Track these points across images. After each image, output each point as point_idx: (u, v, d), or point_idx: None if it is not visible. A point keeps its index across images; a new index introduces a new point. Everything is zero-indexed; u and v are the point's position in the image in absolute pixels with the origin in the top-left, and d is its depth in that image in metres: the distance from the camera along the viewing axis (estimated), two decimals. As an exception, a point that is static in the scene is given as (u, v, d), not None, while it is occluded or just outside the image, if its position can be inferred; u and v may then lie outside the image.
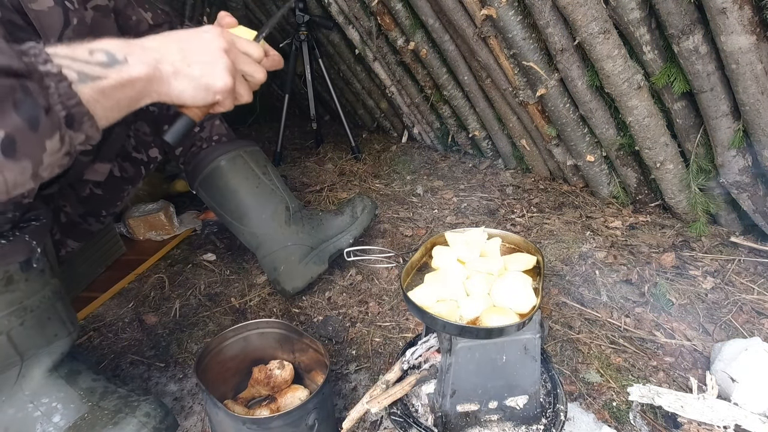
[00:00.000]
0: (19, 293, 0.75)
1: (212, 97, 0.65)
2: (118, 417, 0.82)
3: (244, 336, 1.05)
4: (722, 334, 1.21)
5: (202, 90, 0.63)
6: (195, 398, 1.11)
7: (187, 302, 1.46)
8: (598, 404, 1.04)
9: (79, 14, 0.82)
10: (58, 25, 0.78)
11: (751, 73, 1.24)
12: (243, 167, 1.42)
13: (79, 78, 0.51)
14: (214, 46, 0.64)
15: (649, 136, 1.59)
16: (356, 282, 1.52)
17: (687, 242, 1.60)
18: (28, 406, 0.80)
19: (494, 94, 2.08)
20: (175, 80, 0.61)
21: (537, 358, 0.81)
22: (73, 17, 0.81)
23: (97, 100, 0.53)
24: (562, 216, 1.86)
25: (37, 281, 0.78)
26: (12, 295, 0.74)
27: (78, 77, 0.51)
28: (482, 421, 0.85)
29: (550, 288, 1.42)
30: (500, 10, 1.62)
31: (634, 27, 1.40)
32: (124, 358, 1.24)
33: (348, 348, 1.26)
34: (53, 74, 0.49)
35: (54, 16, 0.77)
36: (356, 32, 2.46)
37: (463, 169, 2.42)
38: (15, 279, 0.73)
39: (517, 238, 0.97)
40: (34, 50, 0.49)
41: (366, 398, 0.83)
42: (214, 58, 0.63)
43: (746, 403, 0.92)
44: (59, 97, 0.49)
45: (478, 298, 0.80)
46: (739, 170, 1.46)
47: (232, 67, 0.65)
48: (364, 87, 2.88)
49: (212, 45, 0.64)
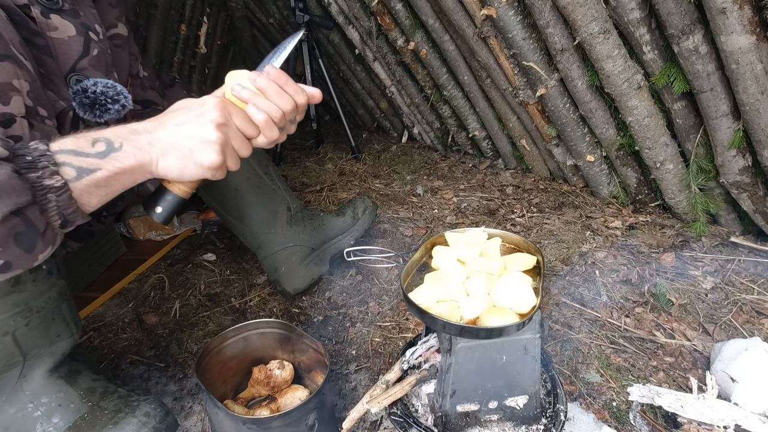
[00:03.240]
0: (26, 294, 0.75)
1: (201, 174, 0.65)
2: (118, 417, 0.82)
3: (244, 336, 1.05)
4: (722, 334, 1.21)
5: (190, 166, 0.63)
6: (195, 398, 1.11)
7: (187, 302, 1.46)
8: (598, 404, 1.04)
9: (102, 45, 0.82)
10: (75, 54, 0.78)
11: (751, 73, 1.24)
12: (244, 167, 1.41)
13: (77, 174, 0.58)
14: (209, 121, 0.63)
15: (649, 136, 1.59)
16: (356, 282, 1.52)
17: (687, 242, 1.60)
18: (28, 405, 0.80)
19: (494, 94, 2.08)
20: (163, 161, 0.63)
21: (537, 358, 0.81)
22: (94, 48, 0.80)
23: (91, 192, 0.59)
24: (562, 216, 1.86)
25: (44, 282, 0.78)
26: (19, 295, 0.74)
27: (76, 174, 0.58)
28: (482, 421, 0.85)
29: (550, 288, 1.42)
30: (500, 10, 1.62)
31: (634, 27, 1.41)
32: (124, 358, 1.24)
33: (348, 348, 1.26)
34: (56, 188, 0.56)
35: (72, 46, 0.77)
36: (356, 32, 2.46)
37: (463, 169, 2.42)
38: (22, 280, 0.73)
39: (517, 238, 0.97)
40: (44, 161, 0.56)
41: (366, 398, 0.83)
42: (207, 136, 0.63)
43: (746, 403, 0.92)
44: (58, 209, 0.57)
45: (478, 298, 0.80)
46: (739, 170, 1.46)
47: (224, 143, 0.64)
48: (364, 87, 2.88)
49: (208, 119, 0.63)
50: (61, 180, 0.57)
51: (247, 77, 0.71)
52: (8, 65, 0.62)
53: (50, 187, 0.56)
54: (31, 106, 0.66)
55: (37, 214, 0.56)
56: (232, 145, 0.67)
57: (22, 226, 0.54)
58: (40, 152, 0.57)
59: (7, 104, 0.62)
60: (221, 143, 0.64)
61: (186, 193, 0.71)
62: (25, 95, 0.65)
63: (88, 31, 0.79)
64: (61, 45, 0.76)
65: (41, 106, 0.69)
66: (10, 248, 0.54)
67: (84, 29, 0.79)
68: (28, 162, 0.55)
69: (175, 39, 2.83)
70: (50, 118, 0.71)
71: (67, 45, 0.76)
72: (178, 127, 0.63)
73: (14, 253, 0.55)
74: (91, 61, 0.80)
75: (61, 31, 0.75)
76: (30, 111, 0.65)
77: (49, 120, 0.70)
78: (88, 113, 0.79)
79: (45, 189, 0.56)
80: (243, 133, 0.68)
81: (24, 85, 0.64)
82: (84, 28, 0.79)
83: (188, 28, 2.87)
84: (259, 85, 0.69)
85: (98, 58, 0.81)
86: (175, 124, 0.63)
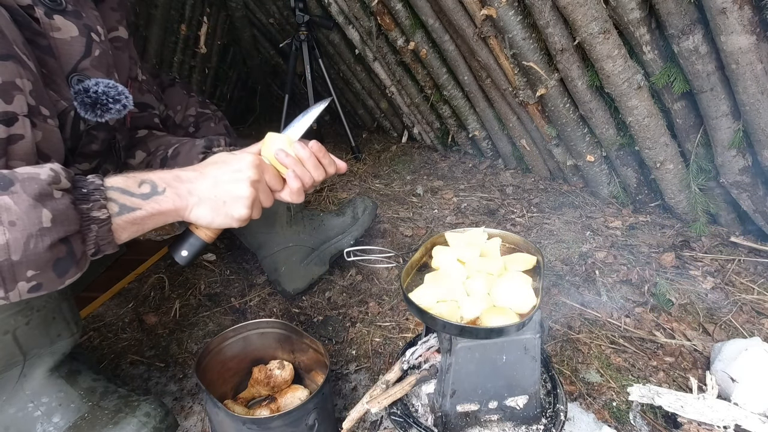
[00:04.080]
0: None
1: (228, 224, 0.73)
2: (118, 417, 0.82)
3: (244, 336, 1.05)
4: (722, 334, 1.21)
5: (221, 217, 0.72)
6: (195, 398, 1.11)
7: (187, 302, 1.46)
8: (598, 404, 1.04)
9: (103, 46, 0.83)
10: (77, 54, 0.78)
11: (751, 73, 1.24)
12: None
13: (119, 210, 0.64)
14: (245, 178, 0.71)
15: (649, 136, 1.59)
16: (356, 282, 1.52)
17: (687, 242, 1.60)
18: (28, 405, 0.80)
19: (494, 94, 2.08)
20: (198, 209, 0.71)
21: (537, 358, 0.81)
22: (96, 49, 0.81)
23: (125, 228, 0.66)
24: (562, 216, 1.86)
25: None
26: None
27: (119, 210, 0.64)
28: (482, 421, 0.85)
29: (550, 288, 1.42)
30: (500, 10, 1.62)
31: (634, 27, 1.41)
32: (124, 358, 1.24)
33: (348, 348, 1.26)
34: (100, 220, 0.62)
35: (75, 46, 0.77)
36: (356, 32, 2.46)
37: (463, 169, 2.42)
38: None
39: (517, 238, 0.97)
40: (97, 194, 0.62)
41: (366, 398, 0.83)
42: (241, 192, 0.71)
43: (746, 403, 0.92)
44: (96, 239, 0.63)
45: (478, 298, 0.80)
46: (739, 170, 1.46)
47: (254, 199, 0.73)
48: (364, 87, 2.88)
49: (244, 177, 0.72)
50: (106, 213, 0.63)
51: (289, 144, 0.80)
52: (11, 64, 0.63)
53: (96, 218, 0.62)
54: (34, 105, 0.66)
55: (78, 243, 0.61)
56: (260, 198, 0.75)
57: (64, 253, 0.59)
58: (94, 186, 0.63)
59: (10, 103, 0.62)
60: (252, 199, 0.72)
61: (210, 239, 0.78)
62: (27, 94, 0.65)
63: (90, 32, 0.80)
64: (64, 45, 0.76)
65: (43, 105, 0.69)
66: (47, 272, 0.59)
67: (86, 30, 0.79)
68: (83, 194, 0.61)
69: (175, 39, 2.83)
70: (52, 117, 0.71)
71: (70, 45, 0.77)
72: (216, 181, 0.71)
73: (48, 277, 0.59)
74: (93, 62, 0.80)
75: (63, 32, 0.76)
76: (32, 110, 0.66)
77: (51, 119, 0.71)
78: (89, 113, 0.79)
79: (91, 220, 0.61)
80: (270, 188, 0.78)
81: (27, 84, 0.65)
82: (86, 29, 0.79)
83: (188, 28, 2.87)
84: (301, 155, 0.79)
85: (100, 58, 0.81)
86: (214, 178, 0.71)
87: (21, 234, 0.55)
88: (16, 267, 0.56)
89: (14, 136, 0.63)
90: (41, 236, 0.56)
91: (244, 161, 0.73)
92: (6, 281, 0.56)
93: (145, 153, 1.05)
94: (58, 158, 0.73)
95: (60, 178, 0.60)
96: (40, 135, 0.68)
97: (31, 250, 0.56)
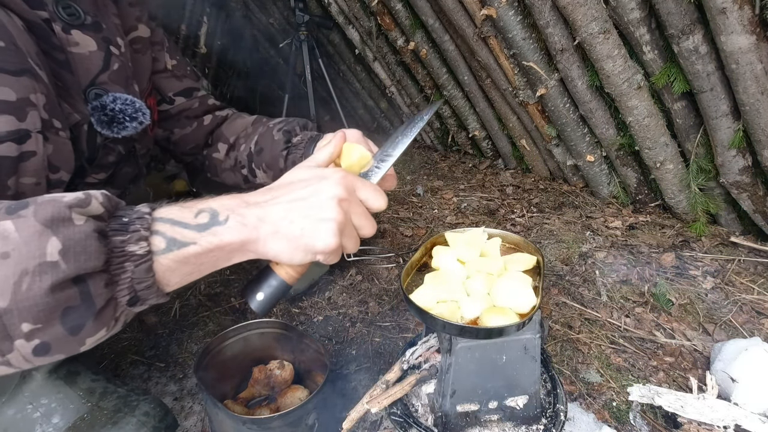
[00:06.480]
0: None
1: (311, 258, 0.56)
2: (117, 417, 0.82)
3: (244, 336, 1.05)
4: (722, 334, 1.21)
5: (300, 251, 0.54)
6: (195, 398, 1.11)
7: (187, 302, 1.46)
8: (598, 404, 1.04)
9: (122, 59, 0.82)
10: (95, 69, 0.77)
11: (751, 73, 1.24)
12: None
13: (167, 247, 0.49)
14: (329, 197, 0.54)
15: (649, 136, 1.59)
16: (356, 282, 1.52)
17: (687, 242, 1.60)
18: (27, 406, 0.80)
19: (494, 94, 2.08)
20: (272, 240, 0.54)
21: (537, 358, 0.81)
22: (115, 63, 0.80)
23: (175, 270, 0.51)
24: (562, 216, 1.86)
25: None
26: None
27: (166, 246, 0.49)
28: (482, 421, 0.85)
29: (550, 288, 1.42)
30: (500, 10, 1.62)
31: (634, 27, 1.40)
32: (124, 358, 1.24)
33: (348, 348, 1.25)
34: (137, 256, 0.48)
35: (93, 61, 0.76)
36: (356, 32, 2.46)
37: (463, 169, 2.42)
38: None
39: (517, 238, 0.96)
40: (138, 224, 0.48)
41: (366, 398, 0.83)
42: (324, 215, 0.54)
43: (746, 403, 0.92)
44: (131, 281, 0.48)
45: (478, 298, 0.80)
46: (739, 170, 1.46)
47: (343, 222, 0.55)
48: (364, 87, 2.88)
49: (327, 196, 0.54)
50: (146, 247, 0.48)
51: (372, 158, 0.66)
52: (26, 80, 0.61)
53: (131, 254, 0.47)
54: (47, 119, 0.65)
55: (99, 286, 0.46)
56: (353, 222, 0.57)
57: (77, 300, 0.44)
58: (138, 215, 0.49)
59: (23, 120, 0.60)
60: (340, 222, 0.54)
61: (292, 279, 0.60)
62: (41, 108, 0.63)
63: (109, 45, 0.79)
64: (82, 60, 0.75)
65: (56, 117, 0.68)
66: (52, 326, 0.44)
67: (105, 44, 0.78)
68: (122, 224, 0.48)
69: (175, 39, 2.83)
70: (64, 129, 0.70)
71: (88, 60, 0.76)
72: (292, 202, 0.54)
73: (56, 333, 0.44)
74: (111, 76, 0.79)
75: (81, 47, 0.75)
76: (45, 124, 0.64)
77: (62, 131, 0.69)
78: (106, 129, 0.79)
79: (125, 256, 0.47)
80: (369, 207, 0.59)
81: (40, 98, 0.63)
82: (105, 42, 0.78)
83: (188, 28, 2.87)
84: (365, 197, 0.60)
85: (118, 72, 0.81)
86: (289, 199, 0.55)
87: (12, 270, 0.41)
88: (5, 317, 0.41)
89: (26, 154, 0.61)
90: (40, 273, 0.42)
91: (326, 177, 0.56)
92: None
93: (226, 145, 1.01)
94: (68, 170, 0.72)
95: (90, 201, 0.47)
96: (51, 148, 0.67)
97: (22, 293, 0.41)
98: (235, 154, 1.00)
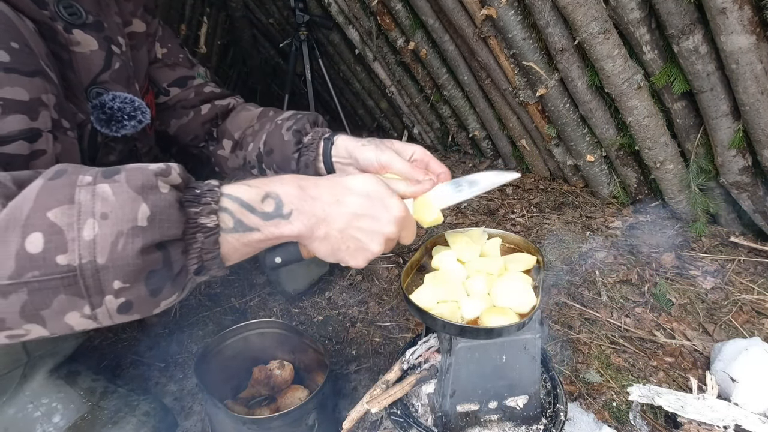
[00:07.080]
0: None
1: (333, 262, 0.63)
2: (117, 416, 0.82)
3: (244, 336, 1.05)
4: (722, 334, 1.21)
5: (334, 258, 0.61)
6: (195, 398, 1.11)
7: (187, 302, 1.46)
8: (598, 404, 1.04)
9: (123, 58, 0.82)
10: (96, 68, 0.77)
11: (751, 73, 1.24)
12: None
13: (234, 227, 0.53)
14: (381, 233, 0.60)
15: (649, 136, 1.59)
16: (356, 282, 1.52)
17: (687, 242, 1.60)
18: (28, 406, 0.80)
19: (494, 94, 2.08)
20: (320, 243, 0.60)
21: (537, 358, 0.81)
22: (116, 62, 0.80)
23: (237, 249, 0.55)
24: (562, 216, 1.86)
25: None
26: None
27: (233, 226, 0.53)
28: (482, 421, 0.85)
29: (550, 288, 1.42)
30: (500, 10, 1.62)
31: (634, 27, 1.40)
32: (124, 358, 1.24)
33: (348, 348, 1.26)
34: (208, 228, 0.52)
35: (94, 60, 0.77)
36: (356, 32, 2.46)
37: (463, 169, 2.42)
38: None
39: (517, 238, 0.96)
40: (209, 196, 0.52)
41: (366, 398, 0.83)
42: (369, 246, 0.61)
43: (746, 403, 0.92)
44: (200, 251, 0.52)
45: (478, 298, 0.80)
46: (739, 170, 1.46)
47: (395, 237, 0.62)
48: (364, 87, 2.88)
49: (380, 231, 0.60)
50: (215, 221, 0.52)
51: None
52: (38, 81, 0.62)
53: (203, 226, 0.51)
54: (56, 118, 0.66)
55: (177, 253, 0.50)
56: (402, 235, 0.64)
57: (159, 264, 0.48)
58: (209, 187, 0.53)
59: (36, 120, 0.61)
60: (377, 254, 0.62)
61: (309, 256, 0.66)
62: (52, 109, 0.64)
63: (110, 44, 0.79)
64: (83, 59, 0.75)
65: (65, 117, 0.69)
66: (137, 286, 0.47)
67: (106, 43, 0.79)
68: (194, 195, 0.52)
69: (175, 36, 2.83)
70: (72, 129, 0.71)
71: (89, 59, 0.76)
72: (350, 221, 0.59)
73: (139, 293, 0.48)
74: (112, 75, 0.80)
75: (83, 46, 0.75)
76: (55, 124, 0.65)
77: (71, 131, 0.70)
78: (105, 128, 0.79)
79: (197, 227, 0.51)
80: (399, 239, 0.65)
81: (51, 98, 0.64)
82: (106, 41, 0.79)
83: (188, 28, 2.87)
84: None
85: (119, 71, 0.81)
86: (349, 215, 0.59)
87: (110, 230, 0.45)
88: (101, 273, 0.45)
89: (37, 152, 0.62)
90: (133, 236, 0.46)
91: (392, 210, 0.61)
92: (90, 292, 0.46)
93: (231, 141, 1.00)
94: None
95: (170, 171, 0.51)
96: (60, 147, 0.67)
97: (118, 252, 0.45)
98: (243, 153, 0.98)
